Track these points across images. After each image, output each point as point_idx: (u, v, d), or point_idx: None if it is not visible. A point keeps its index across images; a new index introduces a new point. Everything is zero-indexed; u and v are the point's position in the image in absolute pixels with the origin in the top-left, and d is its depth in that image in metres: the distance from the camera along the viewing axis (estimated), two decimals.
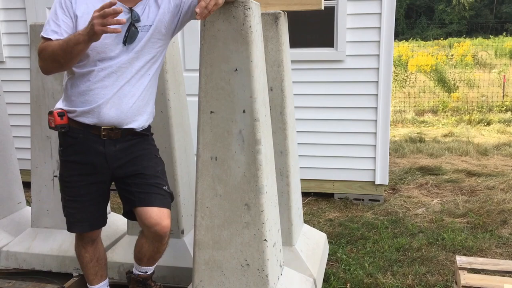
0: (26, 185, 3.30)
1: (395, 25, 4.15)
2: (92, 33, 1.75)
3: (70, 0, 1.93)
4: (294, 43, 3.26)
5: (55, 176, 2.90)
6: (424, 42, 33.25)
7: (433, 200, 4.39)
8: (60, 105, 2.07)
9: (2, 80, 3.49)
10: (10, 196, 3.26)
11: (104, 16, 1.71)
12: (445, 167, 5.39)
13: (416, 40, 38.58)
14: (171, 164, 2.75)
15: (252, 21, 2.00)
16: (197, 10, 1.72)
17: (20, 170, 3.38)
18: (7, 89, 4.42)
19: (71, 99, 2.01)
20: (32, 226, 3.06)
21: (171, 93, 2.75)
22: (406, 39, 37.65)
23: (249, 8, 1.97)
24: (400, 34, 42.97)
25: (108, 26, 1.72)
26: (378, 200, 4.35)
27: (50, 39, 1.90)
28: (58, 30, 1.91)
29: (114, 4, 1.70)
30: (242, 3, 1.97)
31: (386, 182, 4.35)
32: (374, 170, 4.31)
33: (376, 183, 4.33)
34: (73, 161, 2.07)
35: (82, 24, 1.90)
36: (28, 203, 3.64)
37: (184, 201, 2.84)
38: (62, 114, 2.01)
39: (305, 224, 3.09)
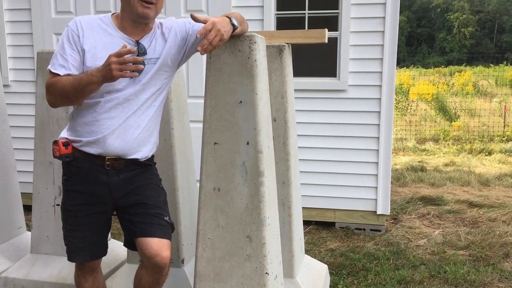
0: (27, 209, 3.29)
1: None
2: (110, 77, 1.80)
3: (78, 34, 1.95)
4: (297, 72, 3.29)
5: (57, 205, 2.89)
6: (425, 70, 33.57)
7: (434, 231, 4.37)
8: (64, 134, 2.08)
9: (7, 104, 3.51)
10: (11, 221, 3.25)
11: (123, 63, 1.76)
12: (447, 197, 5.37)
13: (417, 67, 38.97)
14: (173, 192, 2.75)
15: (258, 54, 2.03)
16: (199, 48, 1.78)
17: (21, 193, 3.39)
18: (12, 112, 4.45)
19: (77, 128, 2.03)
20: (31, 252, 3.04)
21: (175, 122, 2.77)
22: (407, 66, 38.03)
23: (255, 42, 2.01)
24: (401, 61, 43.38)
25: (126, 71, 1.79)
26: (380, 230, 4.33)
27: (58, 74, 1.92)
28: (65, 65, 1.93)
29: (133, 51, 1.78)
30: (248, 37, 2.00)
31: (388, 212, 4.33)
32: (376, 200, 4.30)
33: (378, 213, 4.31)
34: (76, 191, 2.08)
35: (90, 58, 1.93)
36: (28, 227, 3.63)
37: (185, 230, 2.83)
38: (67, 143, 2.02)
39: (306, 255, 3.07)
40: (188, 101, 3.14)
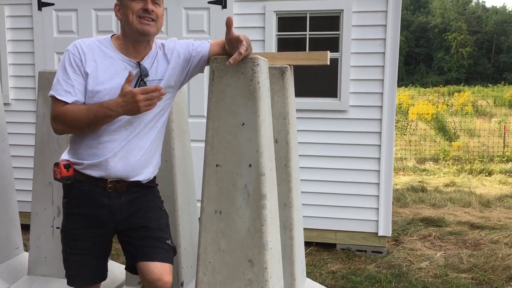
0: (26, 228, 3.25)
1: None
2: (136, 111, 1.83)
3: (80, 58, 1.91)
4: (298, 93, 3.29)
5: (57, 228, 2.86)
6: (424, 89, 33.73)
7: (436, 253, 4.32)
8: (66, 156, 2.05)
9: (7, 122, 3.50)
10: (8, 241, 3.21)
11: (150, 98, 1.79)
12: (448, 218, 5.34)
13: (416, 86, 39.16)
14: (173, 213, 2.72)
15: (260, 77, 2.02)
16: (231, 61, 1.82)
17: (19, 212, 3.35)
18: (12, 130, 4.44)
19: (79, 151, 2.00)
20: (28, 273, 2.99)
21: (176, 142, 2.75)
22: (406, 85, 38.24)
23: (258, 65, 2.00)
24: (400, 80, 43.60)
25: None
26: (381, 252, 4.28)
27: (65, 102, 1.89)
28: (71, 91, 1.89)
29: (159, 89, 1.80)
30: (251, 60, 1.99)
31: (389, 234, 4.29)
32: (377, 221, 4.26)
33: (379, 234, 4.27)
34: (77, 214, 2.04)
35: (91, 82, 1.90)
36: (26, 247, 3.59)
37: (185, 252, 2.79)
38: (68, 165, 1.99)
39: (307, 278, 3.02)
40: (189, 120, 3.13)
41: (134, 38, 1.95)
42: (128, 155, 1.98)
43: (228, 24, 1.86)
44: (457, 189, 7.00)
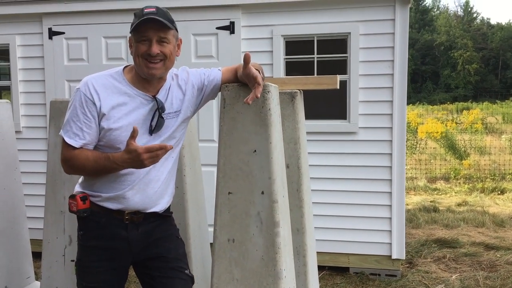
0: (37, 255, 3.23)
1: None
2: (142, 167, 1.83)
3: (92, 99, 1.88)
4: (307, 115, 3.29)
5: (72, 260, 2.84)
6: (431, 106, 33.67)
7: (452, 276, 4.24)
8: (80, 188, 2.03)
9: (18, 150, 3.52)
10: (20, 270, 3.20)
11: (155, 156, 1.79)
12: (462, 239, 5.26)
13: (423, 104, 39.12)
14: (185, 240, 2.68)
15: (271, 103, 2.02)
16: (249, 101, 1.82)
17: (31, 239, 3.34)
18: (23, 158, 4.46)
19: (96, 184, 1.97)
20: None
21: (187, 169, 2.75)
22: (413, 103, 38.19)
23: (269, 92, 2.00)
24: (407, 98, 43.62)
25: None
26: (395, 276, 4.21)
27: (73, 146, 1.89)
28: (80, 134, 1.88)
29: (164, 147, 1.79)
30: (262, 87, 2.00)
31: (403, 257, 4.23)
32: (390, 244, 4.21)
33: (393, 257, 4.21)
34: (94, 247, 2.01)
35: (107, 120, 1.87)
36: (37, 275, 3.57)
37: (197, 280, 2.75)
38: (84, 198, 1.97)
39: None
40: (199, 145, 3.14)
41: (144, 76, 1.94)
42: (146, 187, 1.97)
43: (246, 60, 1.86)
44: (469, 208, 6.91)
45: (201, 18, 4.36)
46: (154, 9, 1.87)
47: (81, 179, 2.07)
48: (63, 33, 4.63)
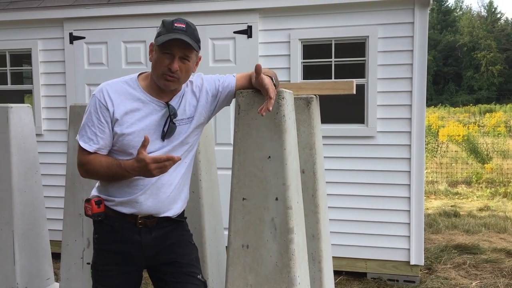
0: (57, 256, 3.29)
1: None
2: (150, 176, 1.85)
3: (105, 105, 1.92)
4: (325, 119, 3.28)
5: (88, 263, 2.88)
6: (454, 109, 33.18)
7: (472, 283, 4.17)
8: (96, 192, 2.07)
9: (39, 152, 3.59)
10: (40, 272, 3.26)
11: (162, 167, 1.81)
12: (483, 245, 5.16)
13: (445, 106, 38.56)
14: (201, 245, 2.71)
15: (286, 109, 2.02)
16: (263, 113, 1.81)
17: (50, 241, 3.40)
18: (44, 161, 4.55)
19: (110, 189, 2.01)
20: None
21: (203, 173, 2.76)
22: (435, 105, 37.70)
23: (283, 98, 2.00)
24: (429, 100, 43.03)
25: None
26: (414, 282, 4.16)
27: (88, 151, 1.94)
28: (94, 139, 1.92)
29: (171, 158, 1.80)
30: (277, 93, 1.99)
31: (422, 263, 4.17)
32: (409, 249, 4.16)
33: (411, 263, 4.16)
34: (108, 250, 2.05)
35: (120, 126, 1.91)
36: (57, 276, 3.63)
37: (212, 284, 2.77)
38: (99, 202, 2.01)
39: None
40: (216, 149, 3.15)
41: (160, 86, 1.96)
42: (158, 191, 1.99)
43: (257, 71, 1.87)
44: (491, 213, 6.78)
45: (219, 22, 4.38)
46: (184, 26, 1.88)
47: (97, 183, 2.10)
48: (84, 37, 4.70)
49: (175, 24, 1.88)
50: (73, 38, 4.73)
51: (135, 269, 2.07)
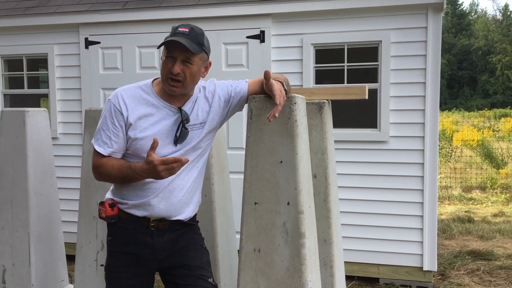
0: (71, 259, 3.33)
1: None
2: (159, 178, 1.89)
3: (120, 109, 1.97)
4: (337, 123, 3.29)
5: (101, 265, 2.92)
6: (468, 113, 32.84)
7: None
8: (110, 195, 2.11)
9: (54, 155, 3.64)
10: (54, 274, 3.30)
11: (170, 168, 1.84)
12: (497, 251, 5.10)
13: (460, 110, 38.18)
14: (213, 249, 2.73)
15: (298, 115, 2.03)
16: (269, 117, 1.83)
17: (65, 243, 3.45)
18: (59, 164, 4.62)
19: (123, 192, 2.05)
20: None
21: (215, 177, 2.78)
22: (449, 109, 37.34)
23: (295, 103, 2.02)
24: (443, 104, 42.60)
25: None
26: None
27: (102, 154, 1.99)
28: (108, 142, 1.98)
29: (179, 160, 1.83)
30: (289, 99, 2.01)
31: (435, 269, 4.14)
32: (422, 255, 4.13)
33: (424, 269, 4.13)
34: (121, 252, 2.08)
35: (134, 130, 1.96)
36: (71, 278, 3.68)
37: (224, 287, 2.78)
38: (113, 205, 2.05)
39: None
40: (228, 152, 3.17)
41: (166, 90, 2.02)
42: (170, 195, 2.02)
43: (266, 77, 1.91)
44: (506, 219, 6.70)
45: (232, 27, 4.42)
46: (187, 30, 1.92)
47: (112, 186, 2.14)
48: (99, 42, 4.77)
49: (179, 29, 1.93)
50: (88, 43, 4.80)
51: (147, 271, 2.10)
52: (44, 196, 3.30)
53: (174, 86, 1.95)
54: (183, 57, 1.92)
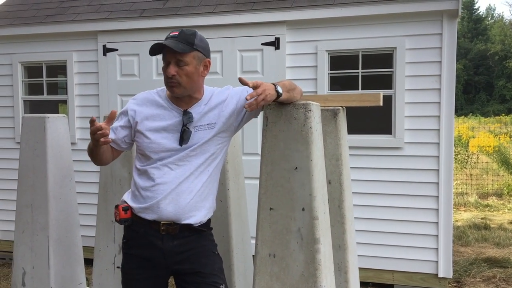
0: (89, 262, 3.39)
1: None
2: (96, 144, 1.99)
3: (133, 108, 2.13)
4: (352, 130, 3.31)
5: (118, 267, 2.97)
6: (485, 119, 32.46)
7: None
8: (125, 198, 2.17)
9: (73, 160, 3.71)
10: (72, 277, 3.35)
11: (94, 135, 1.93)
12: None
13: (476, 115, 37.75)
14: (228, 253, 2.76)
15: (313, 122, 2.06)
16: (245, 106, 1.88)
17: (83, 247, 3.50)
18: (78, 168, 4.69)
19: (135, 194, 2.12)
20: None
21: (231, 183, 2.82)
22: (465, 115, 36.94)
23: (310, 110, 2.05)
24: (459, 109, 42.15)
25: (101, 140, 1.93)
26: None
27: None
28: (114, 130, 2.14)
29: (100, 128, 1.91)
30: (303, 105, 2.04)
31: (450, 276, 4.12)
32: (437, 262, 4.11)
33: (439, 276, 4.11)
34: (134, 254, 2.14)
35: (142, 126, 2.10)
36: (88, 281, 3.74)
37: None
38: (126, 208, 2.11)
39: None
40: (243, 158, 3.20)
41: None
42: (178, 197, 2.06)
43: (242, 83, 1.94)
44: None
45: (247, 34, 4.46)
46: (177, 33, 2.03)
47: (128, 190, 2.19)
48: (117, 49, 4.86)
49: (170, 33, 2.05)
50: (106, 50, 4.89)
51: (158, 274, 2.14)
52: (63, 200, 3.36)
53: (172, 87, 2.04)
54: (175, 59, 2.00)
